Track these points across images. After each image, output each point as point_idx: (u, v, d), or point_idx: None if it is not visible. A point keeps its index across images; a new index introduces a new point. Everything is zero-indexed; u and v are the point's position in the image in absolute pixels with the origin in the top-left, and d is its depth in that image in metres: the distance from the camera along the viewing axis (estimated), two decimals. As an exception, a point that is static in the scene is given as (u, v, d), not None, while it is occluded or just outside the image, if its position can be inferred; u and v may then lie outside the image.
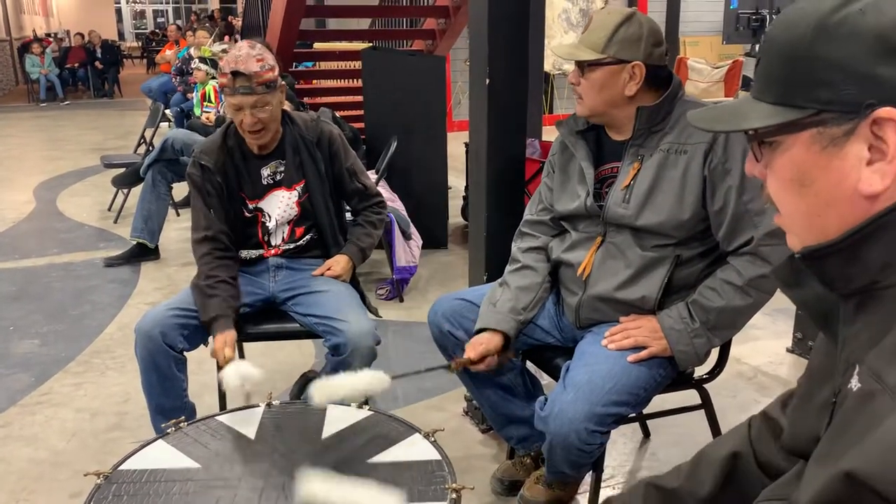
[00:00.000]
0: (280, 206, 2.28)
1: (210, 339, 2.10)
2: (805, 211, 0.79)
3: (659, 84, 1.77)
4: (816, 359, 0.91)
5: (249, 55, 2.11)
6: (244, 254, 2.31)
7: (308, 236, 2.33)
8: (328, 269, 2.28)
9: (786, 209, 0.81)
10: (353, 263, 2.33)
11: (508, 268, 2.02)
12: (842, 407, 0.76)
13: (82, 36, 15.74)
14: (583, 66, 1.74)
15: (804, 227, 0.80)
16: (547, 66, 8.30)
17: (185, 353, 2.13)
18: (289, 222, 2.31)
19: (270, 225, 2.29)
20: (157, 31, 23.97)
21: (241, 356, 2.76)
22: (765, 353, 3.14)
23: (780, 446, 0.97)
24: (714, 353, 1.91)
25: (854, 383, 0.74)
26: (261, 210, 2.28)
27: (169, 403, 2.12)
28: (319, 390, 1.53)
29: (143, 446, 1.49)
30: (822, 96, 0.73)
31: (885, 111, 0.70)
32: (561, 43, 9.40)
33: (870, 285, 0.75)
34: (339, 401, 1.60)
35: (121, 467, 1.41)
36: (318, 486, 1.27)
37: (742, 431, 1.09)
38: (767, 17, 10.34)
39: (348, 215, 2.50)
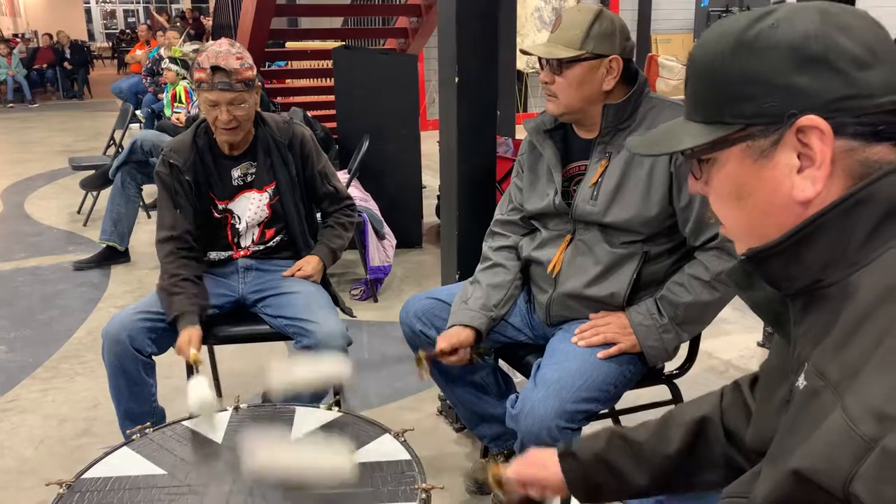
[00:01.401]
0: (251, 208, 2.25)
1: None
2: (746, 222, 0.81)
3: (629, 78, 1.78)
4: (773, 358, 0.93)
5: (230, 52, 2.10)
6: (213, 255, 2.29)
7: (278, 238, 2.31)
8: (299, 270, 2.26)
9: (728, 221, 0.84)
10: (324, 264, 2.32)
11: (480, 266, 2.02)
12: (791, 405, 0.77)
13: (51, 36, 15.49)
14: (560, 65, 1.73)
15: (746, 236, 0.82)
16: (520, 65, 8.33)
17: (153, 357, 2.10)
18: (259, 224, 2.28)
19: (240, 227, 2.27)
20: (126, 30, 23.67)
21: (212, 359, 2.73)
22: (736, 348, 3.17)
23: (748, 447, 0.98)
24: (684, 349, 1.92)
25: (801, 381, 0.75)
26: (230, 212, 2.25)
27: (138, 408, 2.09)
28: (277, 375, 1.52)
29: (107, 453, 1.46)
30: (746, 111, 0.76)
31: (807, 119, 0.72)
32: (535, 41, 9.44)
33: (812, 284, 0.76)
34: (297, 389, 1.58)
35: (84, 475, 1.39)
36: (269, 454, 1.29)
37: (714, 398, 1.11)
38: (737, 13, 10.47)
39: (319, 216, 2.48)
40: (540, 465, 1.17)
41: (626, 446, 1.11)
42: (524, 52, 1.83)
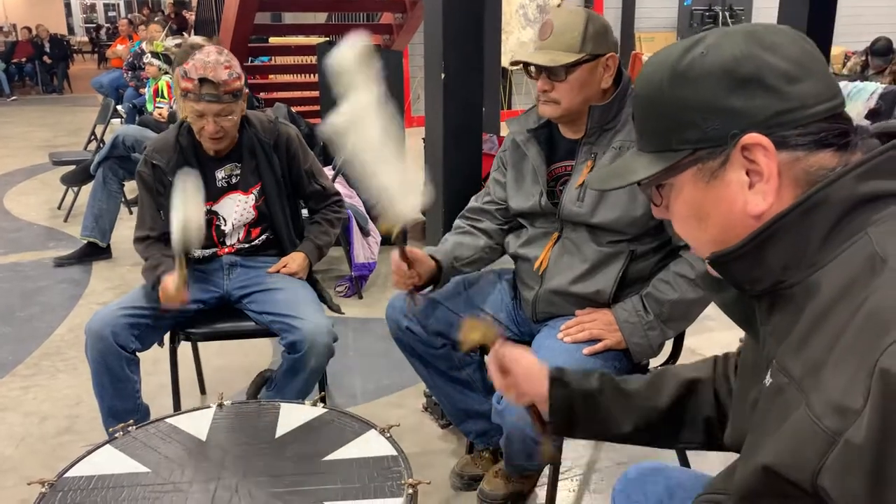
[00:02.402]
0: (236, 210, 2.23)
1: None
2: (708, 240, 0.84)
3: (617, 77, 1.79)
4: (745, 358, 0.95)
5: (218, 62, 2.05)
6: (197, 252, 2.27)
7: (264, 236, 2.29)
8: (284, 266, 2.25)
9: (693, 242, 0.88)
10: (310, 261, 2.31)
11: (450, 232, 2.04)
12: (760, 402, 0.79)
13: (29, 30, 15.28)
14: (564, 71, 1.72)
15: (711, 251, 0.84)
16: (505, 62, 8.34)
17: (137, 354, 2.09)
18: (245, 224, 2.27)
19: (226, 228, 2.25)
20: (107, 24, 23.42)
21: (196, 356, 2.72)
22: (719, 344, 3.16)
23: (725, 443, 0.99)
24: (668, 345, 1.93)
25: (768, 378, 0.78)
26: (215, 213, 2.23)
27: (122, 405, 2.07)
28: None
29: (89, 452, 1.45)
30: (691, 137, 0.79)
31: (749, 137, 0.75)
32: (519, 38, 9.45)
33: (775, 285, 0.79)
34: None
35: (66, 474, 1.37)
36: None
37: (709, 364, 1.14)
38: (720, 13, 10.54)
39: (305, 212, 2.47)
40: (528, 374, 1.18)
41: (617, 393, 1.13)
42: (525, 64, 1.77)
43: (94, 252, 4.34)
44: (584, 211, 1.77)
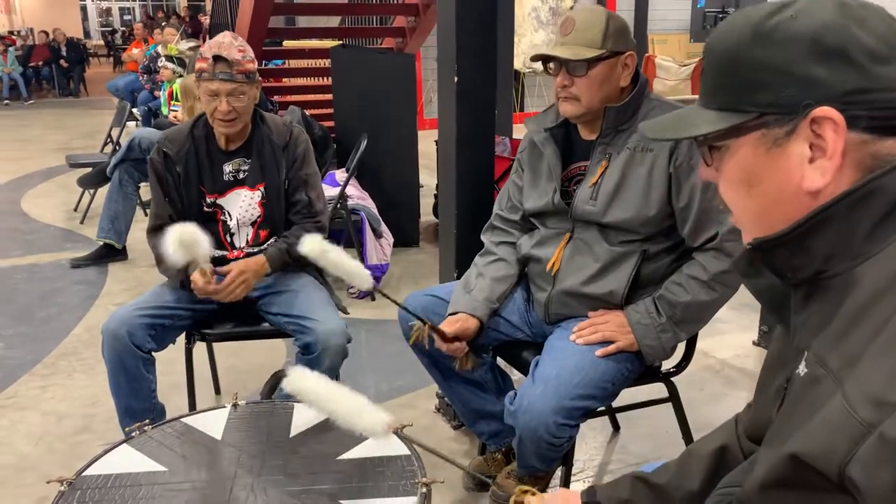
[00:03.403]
0: (242, 205, 2.25)
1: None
2: (754, 210, 0.82)
3: (634, 78, 1.80)
4: (774, 348, 0.94)
5: (232, 44, 2.12)
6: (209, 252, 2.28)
7: (272, 239, 2.30)
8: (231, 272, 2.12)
9: (737, 209, 0.85)
10: (271, 267, 2.18)
11: (482, 259, 2.03)
12: (790, 392, 0.78)
13: (47, 34, 15.45)
14: (585, 66, 1.74)
15: (754, 225, 0.83)
16: (517, 64, 8.34)
17: (153, 354, 2.11)
18: (253, 224, 2.28)
19: (231, 224, 2.26)
20: (123, 28, 23.60)
21: (211, 357, 2.74)
22: (731, 347, 3.19)
23: (745, 433, 0.99)
24: (681, 347, 1.93)
25: (802, 369, 0.76)
26: (220, 207, 2.25)
27: (138, 405, 2.10)
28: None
29: (106, 451, 1.47)
30: (762, 100, 0.76)
31: (821, 110, 0.72)
32: (532, 42, 9.45)
33: (816, 275, 0.77)
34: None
35: (85, 473, 1.39)
36: (309, 383, 1.29)
37: (729, 426, 1.11)
38: (734, 15, 10.47)
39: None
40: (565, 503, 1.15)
41: (649, 491, 1.10)
42: (544, 58, 1.78)
43: (110, 253, 4.39)
44: (597, 210, 1.78)
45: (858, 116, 0.72)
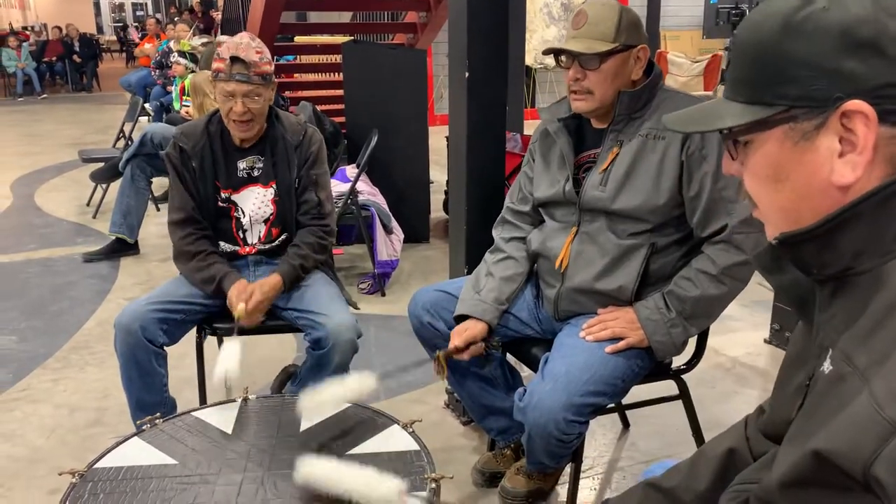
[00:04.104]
0: (255, 202, 2.26)
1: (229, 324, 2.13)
2: (781, 205, 0.80)
3: (647, 69, 1.80)
4: (794, 345, 0.93)
5: (250, 45, 2.12)
6: (223, 245, 2.30)
7: (284, 236, 2.31)
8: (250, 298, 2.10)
9: (763, 204, 0.83)
10: (284, 285, 2.17)
11: (491, 256, 2.03)
12: (814, 389, 0.77)
13: (60, 29, 15.55)
14: (598, 59, 1.73)
15: (780, 220, 0.81)
16: (528, 60, 8.31)
17: (164, 348, 2.12)
18: (265, 221, 2.29)
19: (244, 221, 2.27)
20: (135, 24, 23.71)
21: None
22: (743, 345, 3.18)
23: (760, 431, 0.98)
24: (692, 344, 1.93)
25: (826, 366, 0.75)
26: (234, 203, 2.26)
27: (149, 398, 2.11)
28: (308, 401, 1.52)
29: (118, 443, 1.48)
30: (791, 93, 0.75)
31: (853, 104, 0.71)
32: (543, 37, 9.42)
33: (843, 272, 0.76)
34: (329, 408, 1.58)
35: (96, 465, 1.40)
36: (318, 468, 1.29)
37: (739, 428, 1.10)
38: (747, 11, 10.40)
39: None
40: None
41: (660, 496, 1.09)
42: (556, 51, 1.78)
43: (122, 248, 4.41)
44: (606, 196, 1.77)
45: (890, 111, 0.71)
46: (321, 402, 1.52)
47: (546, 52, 1.84)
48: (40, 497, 2.18)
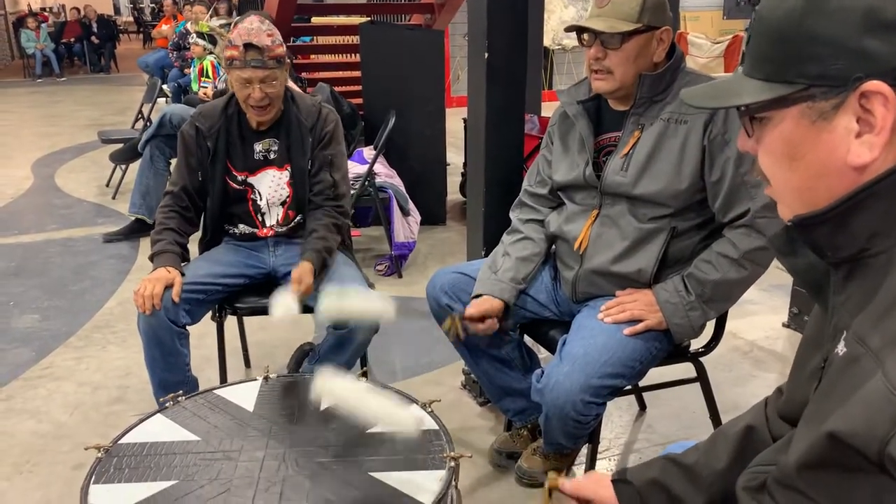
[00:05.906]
0: (271, 184, 2.27)
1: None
2: (796, 184, 0.80)
3: (669, 51, 1.78)
4: (810, 328, 0.93)
5: (261, 29, 2.12)
6: (240, 228, 2.31)
7: (299, 218, 2.32)
8: (299, 284, 2.09)
9: (777, 182, 0.83)
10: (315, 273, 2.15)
11: (508, 238, 2.03)
12: (829, 372, 0.78)
13: (78, 10, 15.57)
14: (620, 38, 1.71)
15: (794, 199, 0.81)
16: (546, 42, 8.25)
17: (187, 328, 2.14)
18: (282, 204, 2.30)
19: (261, 203, 2.28)
20: (153, 4, 23.72)
21: (241, 330, 2.78)
22: (761, 328, 3.16)
23: (777, 413, 0.99)
24: (710, 327, 1.92)
25: (840, 348, 0.76)
26: (251, 186, 2.27)
27: (172, 378, 2.13)
28: (328, 300, 1.60)
29: (141, 420, 1.50)
30: (811, 71, 0.74)
31: (872, 84, 0.71)
32: (561, 18, 9.33)
33: (858, 254, 0.76)
34: (343, 315, 1.70)
35: (121, 441, 1.43)
36: (337, 387, 1.36)
37: (758, 407, 1.10)
38: (768, -9, 10.25)
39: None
40: (596, 484, 1.15)
41: (678, 470, 1.10)
42: (578, 29, 1.76)
43: (142, 228, 4.45)
44: (627, 181, 1.76)
45: None
46: (342, 308, 1.61)
47: (568, 30, 1.82)
48: (65, 472, 2.22)
